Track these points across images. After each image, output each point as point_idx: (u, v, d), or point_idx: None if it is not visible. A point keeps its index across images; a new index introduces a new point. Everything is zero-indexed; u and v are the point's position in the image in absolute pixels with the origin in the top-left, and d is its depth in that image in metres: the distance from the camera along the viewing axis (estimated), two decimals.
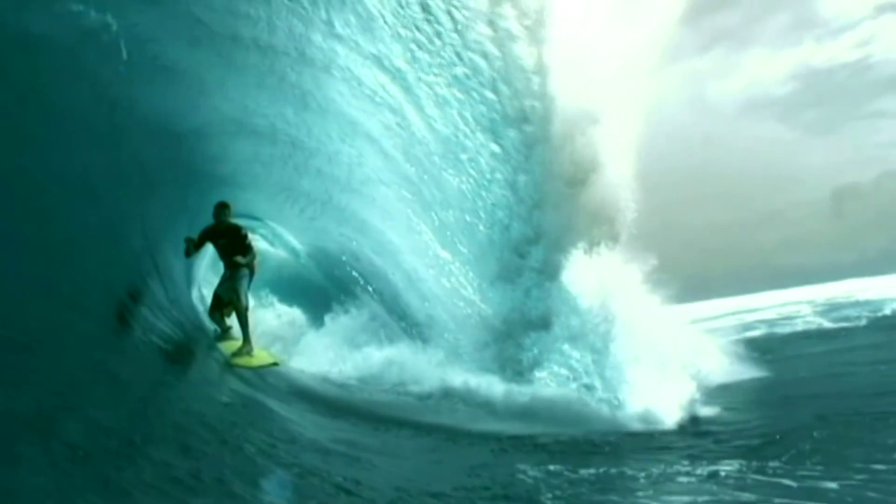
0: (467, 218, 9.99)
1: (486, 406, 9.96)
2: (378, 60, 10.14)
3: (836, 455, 6.80)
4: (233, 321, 9.69)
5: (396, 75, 10.00)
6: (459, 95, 8.62)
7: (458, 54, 8.49)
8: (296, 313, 15.71)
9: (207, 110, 11.14)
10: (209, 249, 10.03)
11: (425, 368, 11.61)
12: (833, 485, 5.99)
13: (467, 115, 8.77)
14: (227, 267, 9.49)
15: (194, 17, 9.25)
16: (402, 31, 9.04)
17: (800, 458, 6.72)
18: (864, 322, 22.33)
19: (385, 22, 9.23)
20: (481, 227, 9.69)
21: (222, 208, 9.36)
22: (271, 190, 14.69)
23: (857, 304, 27.13)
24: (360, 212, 14.35)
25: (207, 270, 14.12)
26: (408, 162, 11.10)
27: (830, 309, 26.30)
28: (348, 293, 16.24)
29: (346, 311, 15.38)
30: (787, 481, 6.14)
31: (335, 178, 13.69)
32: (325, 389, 10.42)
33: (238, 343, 9.36)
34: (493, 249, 9.38)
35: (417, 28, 8.81)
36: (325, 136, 12.51)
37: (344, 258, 16.45)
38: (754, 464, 6.64)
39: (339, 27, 10.16)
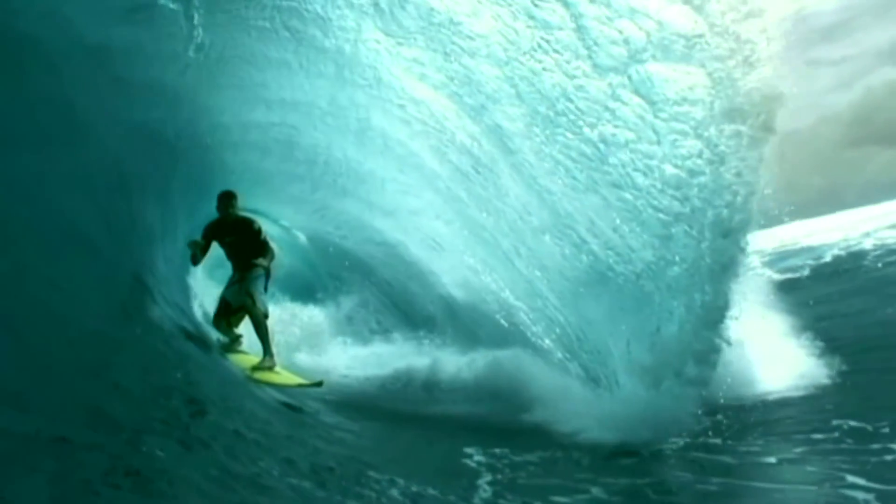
0: (576, 288, 9.58)
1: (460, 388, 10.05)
2: (477, 113, 9.49)
3: (778, 427, 7.15)
4: (241, 330, 8.72)
5: (497, 133, 9.30)
6: (629, 197, 7.86)
7: (647, 166, 7.70)
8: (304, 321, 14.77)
9: (264, 123, 11.10)
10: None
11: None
12: (772, 459, 6.32)
13: (633, 221, 8.00)
14: (236, 268, 8.40)
15: (278, 37, 9.00)
16: (545, 110, 8.02)
17: (742, 433, 6.97)
18: (807, 272, 22.98)
19: (517, 94, 8.32)
20: (592, 304, 9.29)
21: (228, 199, 8.29)
22: (312, 206, 14.32)
23: (801, 251, 28.18)
24: (402, 239, 13.86)
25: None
26: (483, 210, 10.44)
27: (777, 258, 27.21)
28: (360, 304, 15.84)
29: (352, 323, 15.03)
30: (727, 458, 6.41)
31: (381, 204, 13.25)
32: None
33: (254, 357, 8.31)
34: (613, 333, 8.97)
35: (585, 122, 7.88)
36: (380, 163, 12.00)
37: (372, 280, 15.92)
38: (700, 440, 6.87)
39: (431, 72, 9.51)
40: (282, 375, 8.18)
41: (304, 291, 15.20)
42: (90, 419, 3.77)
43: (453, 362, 11.43)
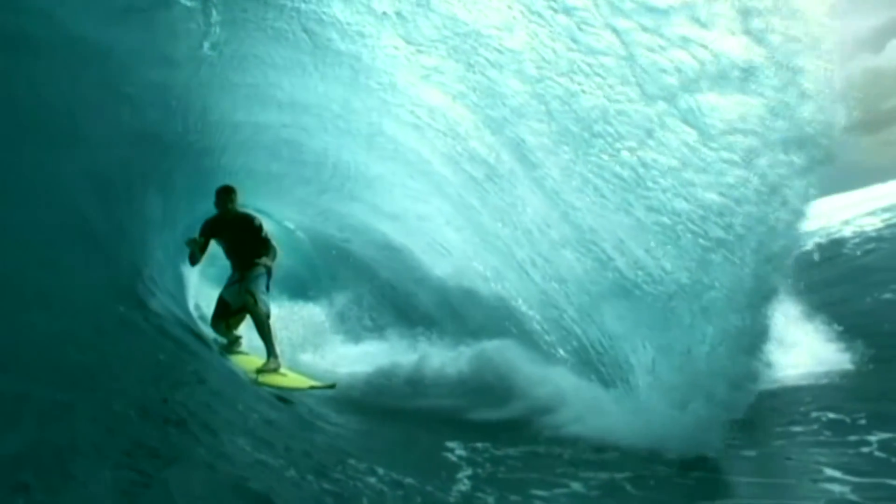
0: (597, 302, 9.47)
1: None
2: (498, 126, 9.27)
3: (757, 419, 7.26)
4: (240, 331, 8.36)
5: (518, 147, 9.09)
6: (667, 221, 7.47)
7: (690, 193, 7.39)
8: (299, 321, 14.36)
9: (276, 124, 10.97)
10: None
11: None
12: (752, 452, 6.50)
13: (669, 244, 7.74)
14: (236, 267, 7.95)
15: (295, 38, 8.79)
16: (579, 130, 7.71)
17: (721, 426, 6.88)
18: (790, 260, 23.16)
19: (547, 111, 8.14)
20: (615, 319, 9.19)
21: (227, 194, 7.87)
22: (317, 208, 14.21)
23: None
24: (407, 243, 13.65)
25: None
26: (498, 220, 10.33)
27: None
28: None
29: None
30: (706, 451, 6.52)
31: (388, 209, 13.09)
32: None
33: (255, 357, 7.92)
34: (637, 350, 8.84)
35: (624, 146, 7.53)
36: (390, 168, 11.81)
37: (373, 281, 15.60)
38: None
39: (450, 81, 9.31)
40: (289, 377, 7.79)
41: (302, 291, 15.00)
42: (69, 384, 3.82)
43: (443, 356, 11.37)
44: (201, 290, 11.10)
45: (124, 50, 7.22)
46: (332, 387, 8.09)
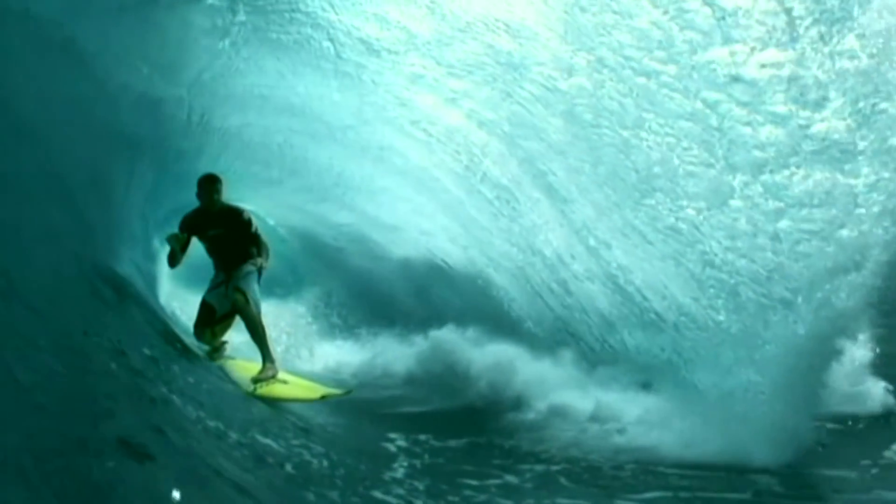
0: (623, 336, 9.29)
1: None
2: (529, 156, 8.94)
3: None
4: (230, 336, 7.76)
5: (548, 179, 8.85)
6: (726, 279, 6.93)
7: (760, 257, 7.02)
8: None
9: (285, 129, 10.81)
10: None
11: None
12: None
13: (723, 299, 7.36)
14: (221, 268, 7.20)
15: (320, 47, 8.46)
16: (634, 180, 7.51)
17: None
18: None
19: (598, 156, 7.93)
20: (644, 353, 9.08)
21: (211, 184, 7.02)
22: (313, 216, 13.99)
23: None
24: (405, 256, 13.30)
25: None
26: (513, 245, 10.23)
27: None
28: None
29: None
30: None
31: (389, 221, 12.89)
32: None
33: (243, 361, 7.31)
34: (664, 385, 8.84)
35: (691, 205, 7.28)
36: (396, 182, 11.56)
37: (358, 285, 15.44)
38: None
39: (479, 107, 9.04)
40: (292, 386, 6.99)
41: (276, 291, 14.63)
42: (25, 318, 3.85)
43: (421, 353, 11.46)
44: (183, 296, 10.61)
45: (134, 43, 6.83)
46: (348, 393, 7.48)
